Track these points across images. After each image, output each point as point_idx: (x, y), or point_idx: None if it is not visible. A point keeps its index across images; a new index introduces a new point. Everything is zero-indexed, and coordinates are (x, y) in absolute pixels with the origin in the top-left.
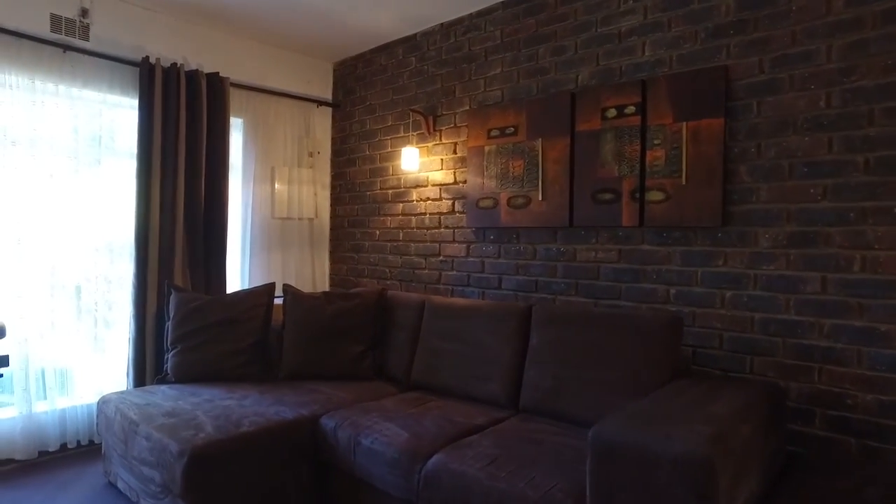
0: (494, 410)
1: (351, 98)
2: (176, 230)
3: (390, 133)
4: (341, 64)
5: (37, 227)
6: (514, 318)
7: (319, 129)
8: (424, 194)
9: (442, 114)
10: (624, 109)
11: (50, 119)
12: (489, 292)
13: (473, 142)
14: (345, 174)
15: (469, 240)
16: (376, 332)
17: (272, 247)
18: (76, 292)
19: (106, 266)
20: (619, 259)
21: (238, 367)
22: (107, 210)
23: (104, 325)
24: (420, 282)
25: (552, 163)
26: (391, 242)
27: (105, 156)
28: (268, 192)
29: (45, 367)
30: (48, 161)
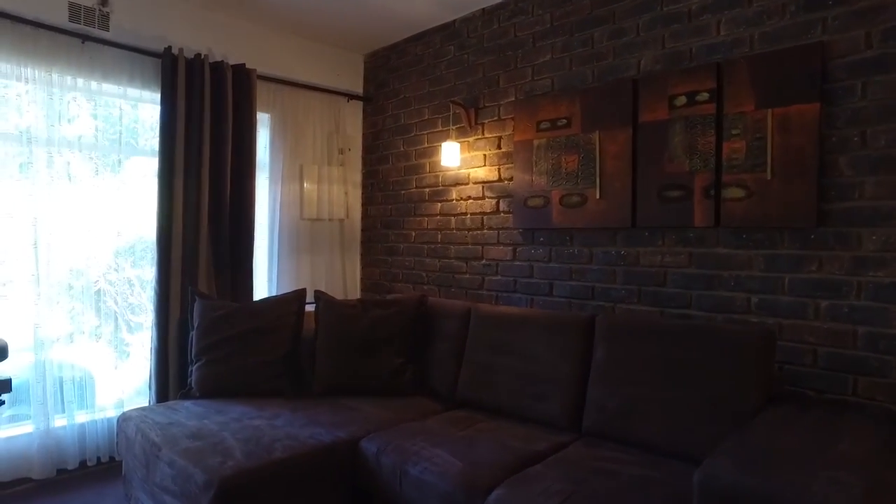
0: (554, 433)
1: (383, 91)
2: (200, 233)
3: (427, 128)
4: (373, 55)
5: (55, 227)
6: (575, 330)
7: (350, 125)
8: (465, 193)
9: (484, 106)
10: (695, 97)
11: (68, 114)
12: (539, 299)
13: (520, 135)
14: (377, 172)
15: (516, 242)
16: (416, 343)
17: (301, 250)
18: (97, 296)
19: (128, 269)
20: (689, 263)
21: (267, 381)
22: (128, 210)
23: (126, 329)
24: (461, 287)
25: (611, 157)
26: (428, 245)
27: (126, 153)
28: (296, 192)
29: (64, 377)
30: (66, 158)
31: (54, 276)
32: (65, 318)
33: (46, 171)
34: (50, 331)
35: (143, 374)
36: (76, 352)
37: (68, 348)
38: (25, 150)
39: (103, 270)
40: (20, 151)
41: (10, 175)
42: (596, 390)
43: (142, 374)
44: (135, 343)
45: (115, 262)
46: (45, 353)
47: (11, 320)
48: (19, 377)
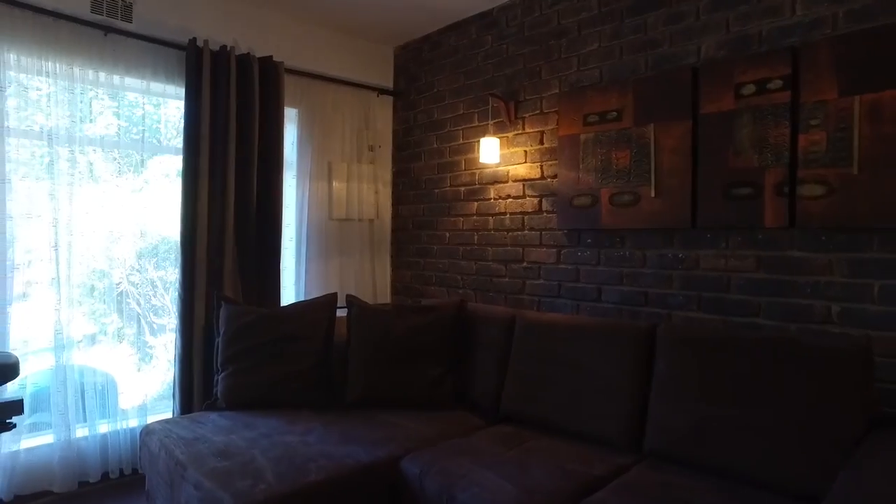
0: (612, 454)
1: (415, 85)
2: (225, 234)
3: (462, 123)
4: (404, 48)
5: (76, 228)
6: (633, 340)
7: (380, 121)
8: (504, 191)
9: (525, 99)
10: (766, 84)
11: (90, 110)
12: (586, 305)
13: (565, 130)
14: (408, 170)
15: (560, 244)
16: (456, 352)
17: (330, 252)
18: (120, 298)
19: (151, 270)
20: (757, 268)
21: (297, 392)
22: (151, 210)
23: (150, 331)
24: (499, 292)
25: (668, 152)
26: (464, 246)
27: (149, 151)
28: (325, 191)
29: (85, 383)
30: (88, 156)
31: (76, 278)
32: (87, 321)
33: (67, 170)
34: (71, 334)
35: (165, 378)
36: (98, 356)
37: (90, 352)
38: (46, 147)
39: (126, 272)
40: (41, 149)
41: (29, 174)
42: (659, 408)
43: (164, 378)
44: (158, 346)
45: (139, 263)
46: (67, 358)
47: (33, 323)
48: (39, 384)
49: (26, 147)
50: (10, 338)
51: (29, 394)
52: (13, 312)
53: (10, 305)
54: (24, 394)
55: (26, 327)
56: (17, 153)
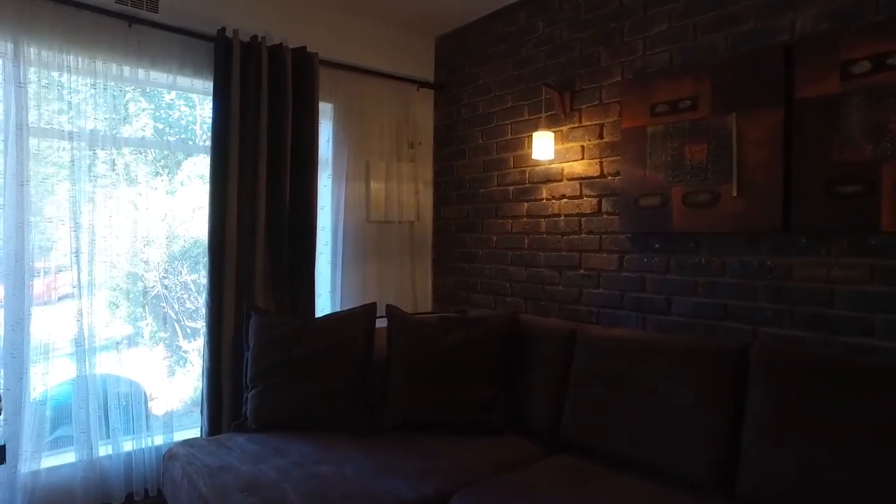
0: (697, 497)
1: (458, 77)
2: (256, 239)
3: (510, 116)
4: (445, 38)
5: (101, 230)
6: (721, 362)
7: (420, 116)
8: (558, 191)
9: (581, 89)
10: (886, 60)
11: (115, 106)
12: (653, 318)
13: (629, 122)
14: (451, 168)
15: (623, 248)
16: (508, 370)
17: (368, 257)
18: (154, 302)
19: (184, 273)
20: (870, 279)
21: (333, 413)
22: (180, 212)
23: (182, 335)
24: (553, 301)
25: (754, 145)
26: (513, 251)
27: (175, 149)
28: (362, 191)
29: (109, 394)
30: (113, 155)
31: (101, 283)
32: (115, 326)
33: (90, 170)
34: (95, 342)
35: (197, 384)
36: (124, 363)
37: (117, 359)
38: (68, 147)
39: (159, 275)
40: (65, 150)
41: (50, 175)
42: (755, 446)
43: (197, 384)
44: (192, 351)
45: (170, 266)
46: (90, 368)
47: (55, 331)
48: (61, 397)
49: (49, 147)
50: (30, 348)
51: (50, 408)
52: (35, 320)
53: (30, 315)
54: (45, 410)
55: (49, 335)
56: (39, 153)
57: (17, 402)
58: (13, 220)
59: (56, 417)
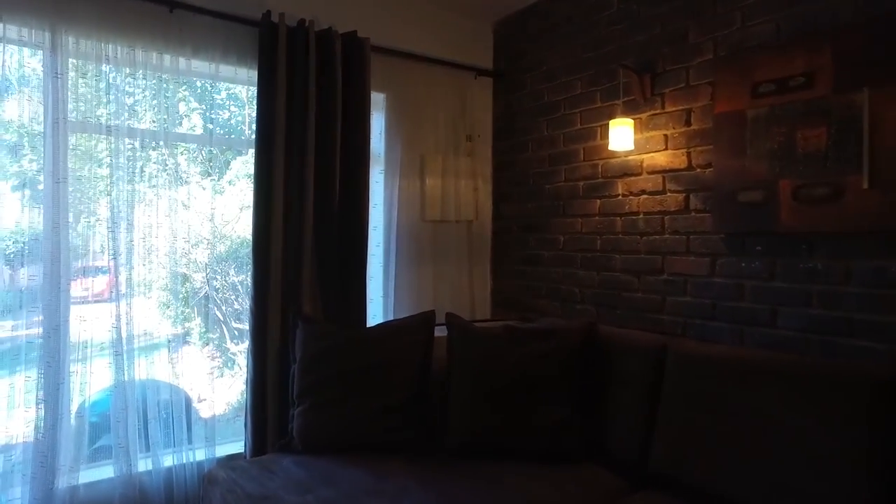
0: None
1: (519, 64)
2: (304, 240)
3: (580, 104)
4: (505, 22)
5: (140, 227)
6: (861, 393)
7: (478, 106)
8: (637, 185)
9: (664, 70)
10: None
11: (154, 97)
12: (753, 331)
13: (724, 105)
14: (512, 163)
15: (715, 251)
16: (585, 389)
17: (422, 259)
18: (202, 303)
19: (232, 274)
20: None
21: (388, 434)
22: (227, 211)
23: (230, 338)
24: (631, 309)
25: (893, 126)
26: (583, 253)
27: (216, 143)
28: (416, 188)
29: (149, 403)
30: (153, 150)
31: (147, 283)
32: (160, 329)
33: (129, 166)
34: (139, 343)
35: (241, 387)
36: (167, 367)
37: (159, 363)
38: (108, 142)
39: (206, 275)
40: (103, 144)
41: (90, 172)
42: None
43: (240, 387)
44: (239, 354)
45: (218, 266)
46: (131, 372)
47: (99, 333)
48: (101, 404)
49: (86, 141)
50: (68, 355)
51: (91, 416)
52: (74, 324)
53: (67, 320)
54: (85, 420)
55: (88, 340)
56: (76, 148)
57: (55, 414)
58: (50, 220)
59: (98, 425)
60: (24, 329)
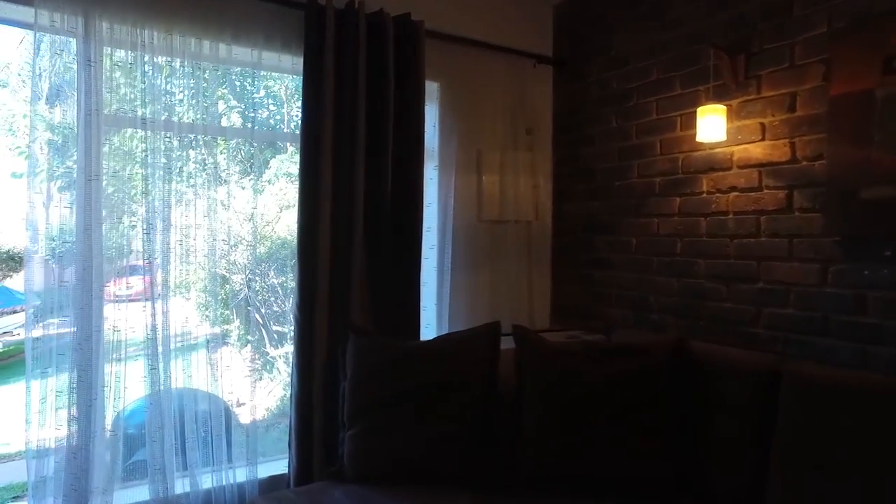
0: None
1: (583, 49)
2: (353, 241)
3: (655, 92)
4: (566, 4)
5: (177, 227)
6: None
7: (538, 96)
8: (726, 182)
9: (761, 49)
10: None
11: (192, 88)
12: (881, 351)
13: (844, 85)
14: (576, 157)
15: (828, 256)
16: (677, 416)
17: (479, 263)
18: (241, 306)
19: (272, 275)
20: None
21: (450, 462)
22: (266, 210)
23: (269, 342)
24: (718, 321)
25: None
26: (660, 257)
27: (258, 138)
28: (473, 186)
29: (186, 415)
30: (190, 144)
31: (184, 286)
32: (198, 333)
33: (165, 164)
34: (175, 350)
35: (281, 392)
36: (205, 374)
37: (197, 369)
38: (143, 136)
39: (245, 277)
40: (138, 138)
41: (123, 168)
42: None
43: (280, 392)
44: (278, 358)
45: (257, 268)
46: (167, 380)
47: (133, 342)
48: (136, 413)
49: (120, 135)
50: (102, 359)
51: (125, 430)
52: (106, 335)
53: (99, 330)
54: (119, 436)
55: (121, 350)
56: (109, 142)
57: (87, 433)
58: (82, 221)
59: (133, 438)
60: (55, 329)
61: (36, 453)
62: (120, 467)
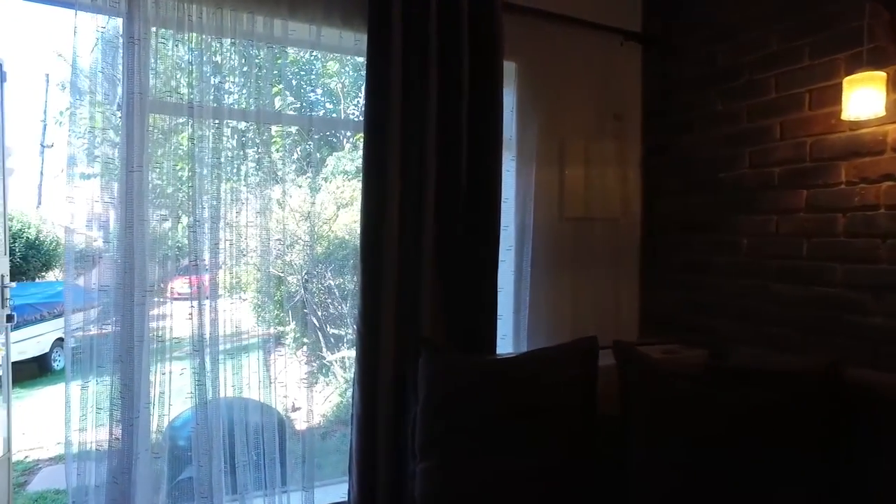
0: None
1: (678, 22)
2: (423, 245)
3: (774, 65)
4: None
5: (229, 227)
6: None
7: (626, 77)
8: (874, 169)
9: None
10: None
11: (242, 71)
12: None
13: None
14: (669, 147)
15: None
16: (836, 458)
17: (562, 266)
18: (296, 308)
19: (328, 276)
20: None
21: None
22: (320, 210)
23: (325, 346)
24: (859, 338)
25: None
26: (780, 260)
27: (318, 125)
28: (555, 180)
29: (236, 428)
30: (242, 134)
31: (241, 285)
32: (251, 336)
33: (213, 155)
34: (225, 357)
35: (337, 399)
36: (258, 380)
37: (249, 375)
38: (188, 124)
39: (301, 278)
40: (183, 126)
41: (167, 159)
42: None
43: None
44: (334, 362)
45: (313, 269)
46: (215, 389)
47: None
48: (183, 427)
49: (163, 122)
50: (146, 365)
51: (172, 445)
52: (148, 343)
53: (142, 341)
54: (164, 457)
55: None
56: (154, 129)
57: (129, 455)
58: (123, 218)
59: (180, 454)
60: (97, 330)
61: (77, 460)
62: (165, 489)
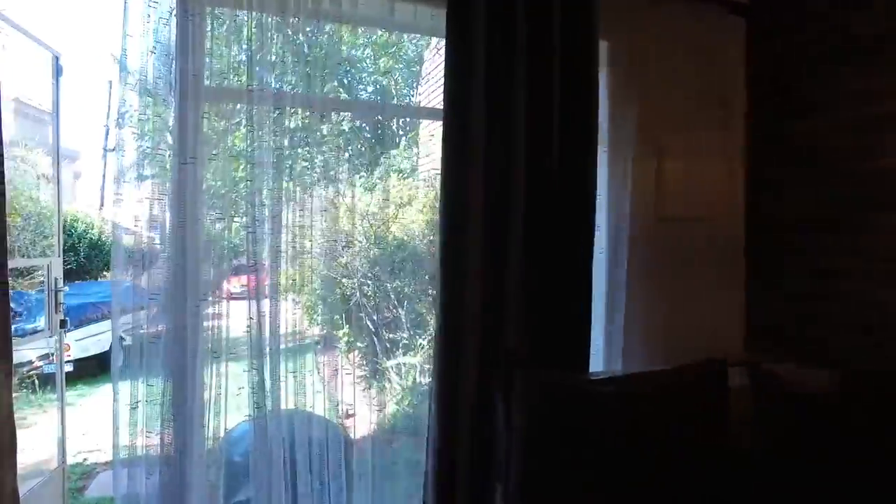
0: None
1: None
2: (509, 248)
3: None
4: None
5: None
6: None
7: (730, 57)
8: None
9: None
10: None
11: (307, 54)
12: None
13: None
14: (782, 136)
15: None
16: None
17: (660, 271)
18: (352, 313)
19: (385, 279)
20: None
21: None
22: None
23: (382, 352)
24: None
25: None
26: None
27: (390, 112)
28: (651, 175)
29: (297, 444)
30: (301, 125)
31: (296, 287)
32: (308, 337)
33: (271, 151)
34: (287, 353)
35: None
36: (318, 391)
37: (310, 384)
38: (244, 113)
39: (357, 281)
40: (240, 115)
41: (219, 153)
42: None
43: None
44: (390, 370)
45: (369, 271)
46: (275, 401)
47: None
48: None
49: (218, 110)
50: (201, 376)
51: (228, 462)
52: (203, 353)
53: (196, 353)
54: (219, 476)
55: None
56: (209, 118)
57: (181, 463)
58: (175, 217)
59: (238, 472)
60: (146, 330)
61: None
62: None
